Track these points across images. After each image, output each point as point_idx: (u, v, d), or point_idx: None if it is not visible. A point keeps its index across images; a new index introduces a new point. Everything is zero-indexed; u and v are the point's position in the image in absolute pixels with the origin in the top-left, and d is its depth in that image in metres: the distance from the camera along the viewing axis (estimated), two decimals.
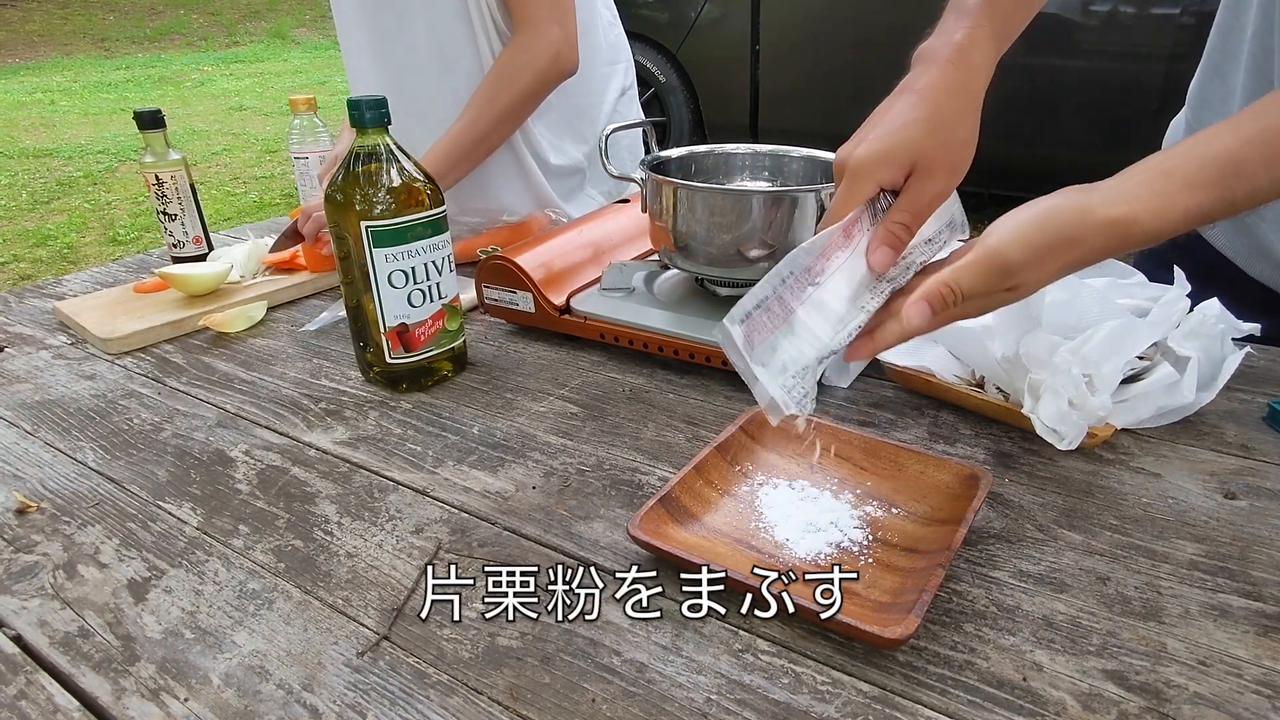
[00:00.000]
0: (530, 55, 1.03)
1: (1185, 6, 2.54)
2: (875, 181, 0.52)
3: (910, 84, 0.55)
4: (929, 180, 0.52)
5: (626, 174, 0.85)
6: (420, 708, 0.45)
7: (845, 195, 0.53)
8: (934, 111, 0.53)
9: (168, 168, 1.08)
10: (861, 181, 0.52)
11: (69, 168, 4.99)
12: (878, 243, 0.52)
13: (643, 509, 0.55)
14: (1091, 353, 0.63)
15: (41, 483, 0.67)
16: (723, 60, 3.56)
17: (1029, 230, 0.48)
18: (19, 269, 3.49)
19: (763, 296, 0.50)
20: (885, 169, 0.52)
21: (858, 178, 0.52)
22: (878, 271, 0.52)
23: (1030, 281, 0.49)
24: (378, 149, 0.73)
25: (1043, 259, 0.48)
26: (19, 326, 0.99)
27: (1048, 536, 0.56)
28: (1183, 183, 0.47)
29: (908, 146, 0.52)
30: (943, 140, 0.52)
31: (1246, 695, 0.43)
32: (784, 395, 0.50)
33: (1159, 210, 0.46)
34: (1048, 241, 0.47)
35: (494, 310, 0.91)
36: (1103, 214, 0.47)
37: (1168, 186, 0.47)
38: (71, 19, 10.30)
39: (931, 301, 0.49)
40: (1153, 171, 0.48)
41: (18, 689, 0.47)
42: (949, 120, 0.53)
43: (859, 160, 0.52)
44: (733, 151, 0.92)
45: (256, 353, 0.90)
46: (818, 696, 0.44)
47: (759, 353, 0.50)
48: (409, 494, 0.64)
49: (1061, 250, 0.47)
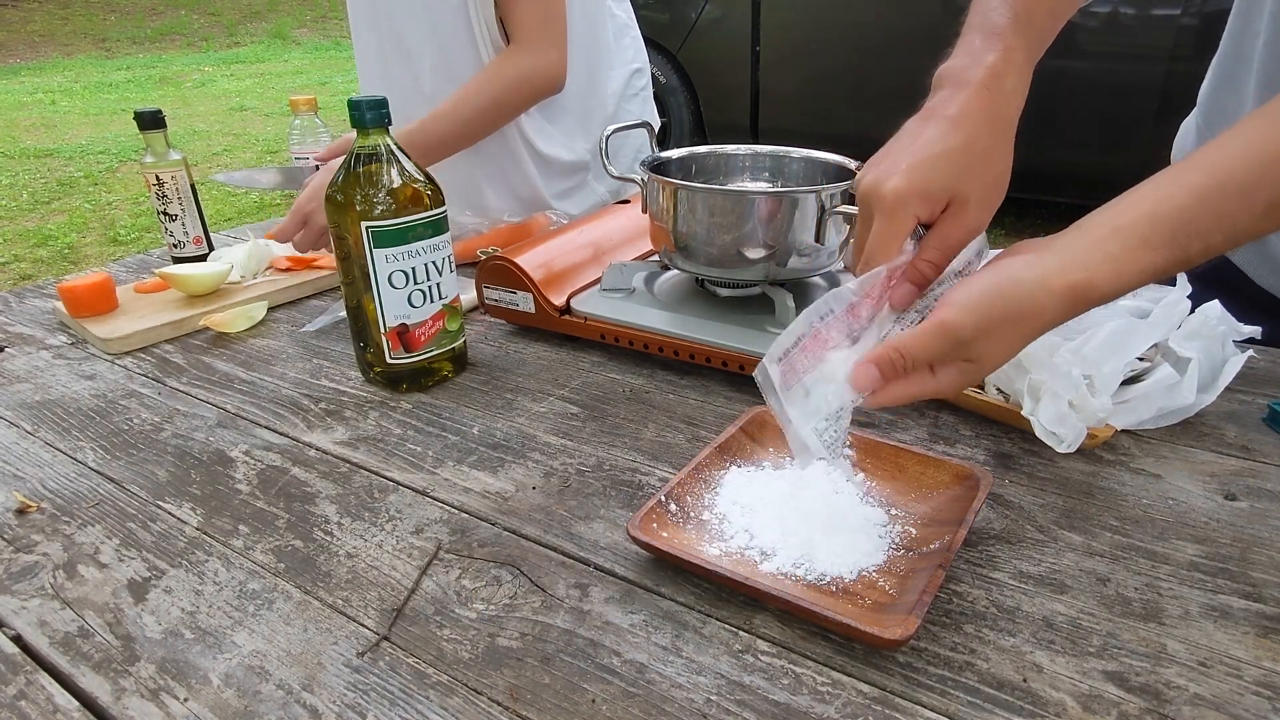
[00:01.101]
0: (526, 69, 1.07)
1: (1186, 7, 2.54)
2: (912, 215, 0.50)
3: (940, 109, 0.52)
4: (963, 216, 0.50)
5: (628, 174, 0.85)
6: (420, 708, 0.45)
7: (885, 231, 0.50)
8: (969, 142, 0.50)
9: (168, 168, 1.08)
10: (900, 215, 0.50)
11: (70, 168, 4.99)
12: (902, 279, 0.51)
13: (643, 509, 0.55)
14: (1092, 353, 0.63)
15: (41, 482, 0.67)
16: (723, 61, 3.56)
17: (986, 301, 0.46)
18: (20, 269, 3.49)
19: (800, 334, 0.49)
20: (922, 204, 0.50)
21: (895, 211, 0.50)
22: (897, 309, 0.51)
23: (989, 353, 0.47)
24: (378, 149, 0.73)
25: (998, 331, 0.46)
26: (19, 326, 0.99)
27: (1048, 537, 0.56)
28: (1138, 242, 0.45)
29: (944, 180, 0.50)
30: (979, 174, 0.50)
31: (1247, 696, 0.43)
32: (815, 440, 0.50)
33: (1114, 273, 0.45)
34: (1004, 314, 0.46)
35: (494, 311, 0.91)
36: (1059, 283, 0.46)
37: (1122, 249, 0.45)
38: (72, 19, 10.30)
39: (879, 364, 0.48)
40: (1106, 230, 0.46)
41: (18, 689, 0.47)
42: (985, 153, 0.51)
43: (895, 194, 0.49)
44: (733, 152, 0.92)
45: (257, 353, 0.90)
46: (818, 697, 0.44)
47: (793, 394, 0.50)
48: (409, 494, 0.64)
49: (1019, 321, 0.46)
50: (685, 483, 0.59)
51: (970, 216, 0.51)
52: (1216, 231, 0.46)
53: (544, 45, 1.07)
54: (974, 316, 0.46)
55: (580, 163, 1.22)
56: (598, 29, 1.18)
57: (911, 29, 2.93)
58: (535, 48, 1.07)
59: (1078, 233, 0.47)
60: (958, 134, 0.50)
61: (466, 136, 1.07)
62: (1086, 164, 2.85)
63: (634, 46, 1.26)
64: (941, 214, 0.51)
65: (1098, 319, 0.67)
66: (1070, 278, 0.46)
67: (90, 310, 0.96)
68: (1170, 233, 0.45)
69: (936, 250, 0.51)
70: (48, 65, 8.66)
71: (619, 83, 1.23)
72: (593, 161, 1.23)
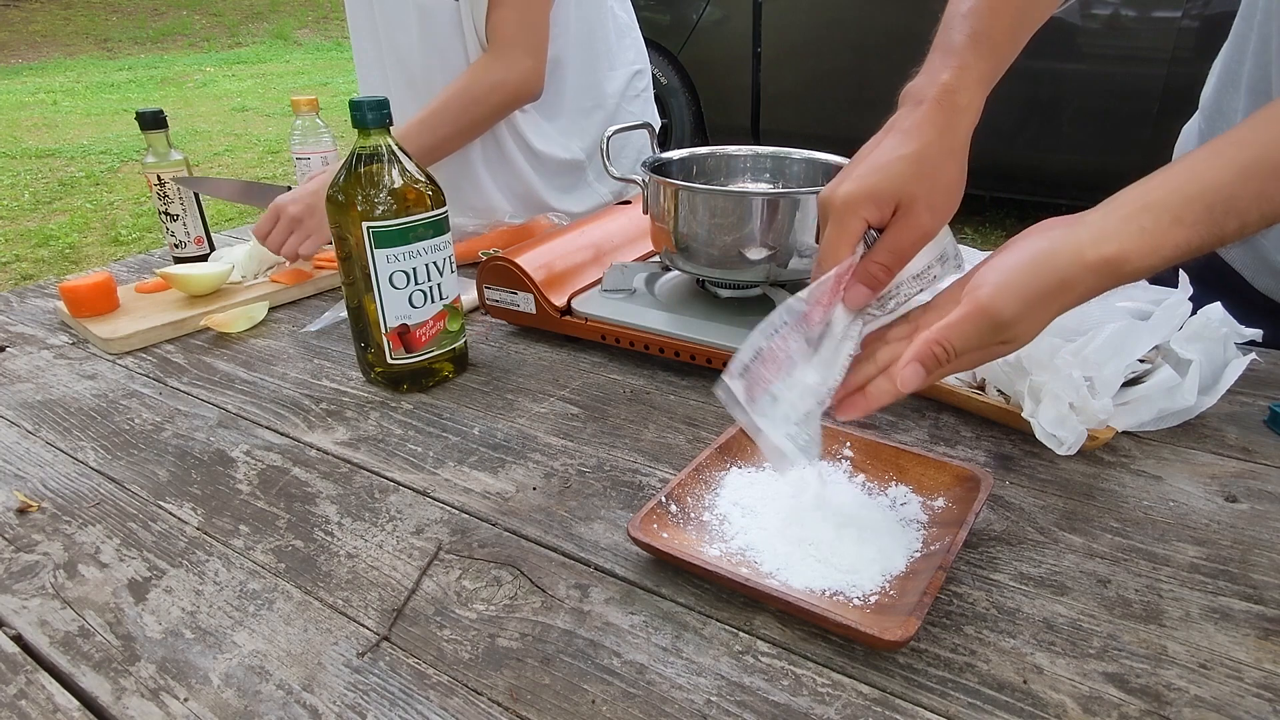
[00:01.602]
0: (500, 77, 1.06)
1: (1186, 10, 2.54)
2: (861, 219, 0.51)
3: (897, 123, 0.54)
4: (912, 219, 0.51)
5: (629, 175, 0.85)
6: (420, 708, 0.45)
7: (834, 235, 0.52)
8: (919, 151, 0.52)
9: (170, 168, 1.08)
10: (847, 220, 0.51)
11: (71, 168, 5.00)
12: (854, 281, 0.51)
13: (643, 510, 0.55)
14: (1093, 355, 0.63)
15: (42, 482, 0.67)
16: (724, 62, 3.56)
17: (1022, 279, 0.46)
18: (21, 269, 3.49)
19: (758, 347, 0.50)
20: (870, 207, 0.51)
21: (843, 216, 0.51)
22: (853, 310, 0.52)
23: (1025, 333, 0.47)
24: (379, 150, 0.73)
25: (1036, 309, 0.47)
26: (21, 326, 0.99)
27: (1048, 539, 0.56)
28: (1171, 220, 0.46)
29: (893, 184, 0.51)
30: (928, 180, 0.52)
31: (1247, 698, 0.43)
32: (790, 445, 0.50)
33: (1150, 249, 0.45)
34: (1041, 290, 0.46)
35: (495, 311, 0.91)
36: (1093, 255, 0.46)
37: (1156, 224, 0.46)
38: (74, 20, 10.31)
39: (924, 361, 0.48)
40: (1137, 205, 0.47)
41: (18, 689, 0.47)
42: (934, 160, 0.52)
43: (844, 198, 0.51)
44: (734, 153, 0.92)
45: (257, 353, 0.90)
46: (818, 698, 0.44)
47: (760, 404, 0.50)
48: (409, 495, 0.64)
49: (1055, 296, 0.46)
50: (686, 483, 0.59)
51: (920, 220, 0.52)
52: (1253, 210, 0.46)
53: (520, 53, 1.06)
54: (1011, 296, 0.46)
55: (576, 161, 1.22)
56: (599, 29, 1.18)
57: (912, 30, 2.92)
58: (511, 55, 1.06)
59: (1107, 208, 0.48)
60: (909, 143, 0.52)
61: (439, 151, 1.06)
62: (1087, 166, 2.85)
63: (635, 48, 1.26)
64: (892, 218, 0.52)
65: (1098, 320, 0.67)
66: (1104, 251, 0.46)
67: (91, 310, 0.96)
68: (1205, 210, 0.46)
69: (887, 252, 0.52)
70: (50, 65, 8.67)
71: (620, 83, 1.23)
72: (593, 161, 1.23)
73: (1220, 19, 2.46)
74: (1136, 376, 0.68)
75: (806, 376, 0.51)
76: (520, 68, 1.07)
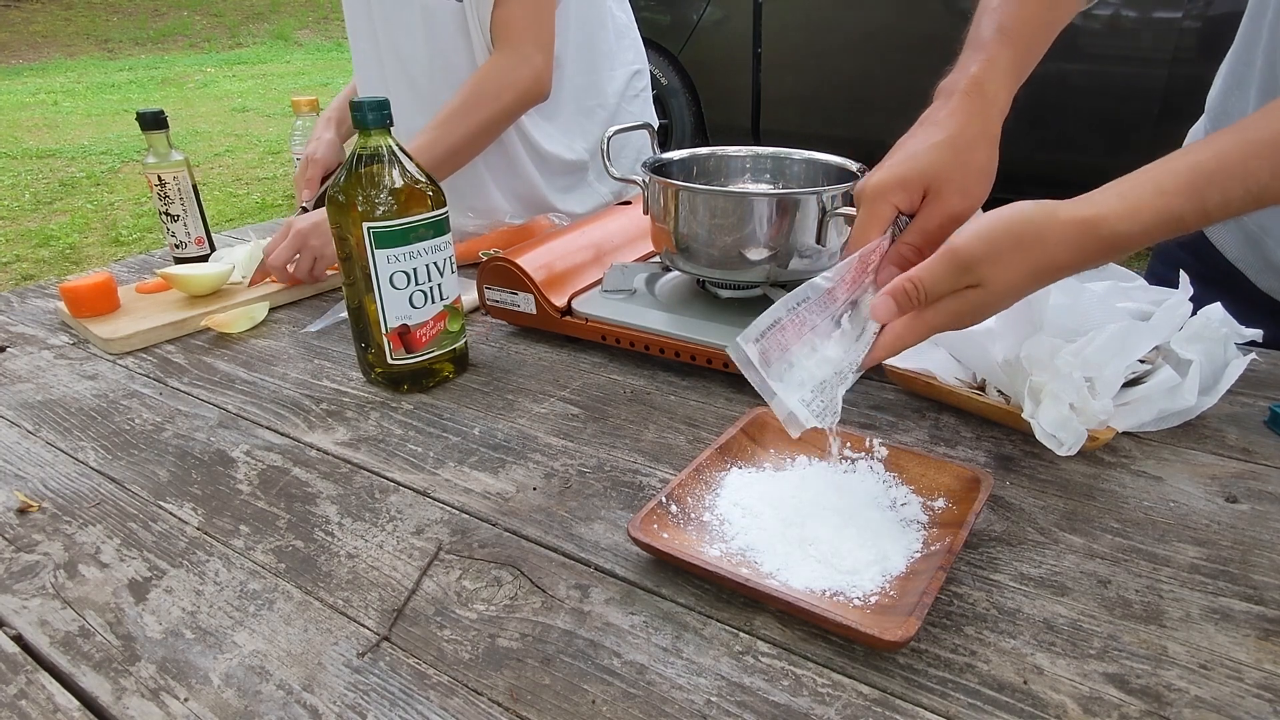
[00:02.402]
0: (513, 76, 1.05)
1: (1187, 11, 2.54)
2: (891, 205, 0.53)
3: (929, 116, 0.57)
4: (941, 202, 0.53)
5: (629, 176, 0.85)
6: (420, 708, 0.45)
7: (864, 219, 0.54)
8: (949, 137, 0.54)
9: (170, 168, 1.08)
10: (877, 206, 0.53)
11: (72, 168, 5.00)
12: (885, 262, 0.53)
13: (643, 510, 0.55)
14: (1093, 355, 0.63)
15: (43, 482, 0.67)
16: (725, 63, 3.56)
17: (991, 224, 0.48)
18: (22, 269, 3.49)
19: (777, 317, 0.51)
20: (899, 193, 0.53)
21: (873, 202, 0.53)
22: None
23: (994, 278, 0.49)
24: (380, 150, 0.73)
25: (1004, 255, 0.48)
26: (21, 326, 0.99)
27: (1049, 539, 0.56)
28: (1153, 189, 0.47)
29: (922, 171, 0.53)
30: (959, 165, 0.53)
31: (1247, 699, 0.43)
32: (803, 409, 0.50)
33: (1127, 212, 0.47)
34: (1009, 236, 0.48)
35: (495, 311, 0.91)
36: (1067, 214, 0.47)
37: (1136, 190, 0.47)
38: (75, 20, 10.32)
39: (895, 296, 0.50)
40: (1125, 180, 0.49)
41: (18, 689, 0.47)
42: (964, 145, 0.54)
43: (874, 185, 0.53)
44: (734, 154, 0.92)
45: (258, 353, 0.90)
46: (818, 699, 0.44)
47: (775, 369, 0.51)
48: (410, 495, 0.64)
49: (1024, 247, 0.48)
50: (686, 484, 0.59)
51: (950, 203, 0.53)
52: (1236, 185, 0.47)
53: (530, 49, 1.05)
54: (980, 239, 0.48)
55: (579, 162, 1.22)
56: (598, 29, 1.18)
57: (913, 31, 2.93)
58: (521, 52, 1.04)
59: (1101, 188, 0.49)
60: (939, 132, 0.55)
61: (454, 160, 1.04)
62: (1087, 167, 2.85)
63: (634, 48, 1.26)
64: (921, 203, 0.54)
65: (1099, 320, 0.67)
66: (1080, 210, 0.47)
67: (92, 310, 0.96)
68: (1187, 180, 0.47)
69: (917, 233, 0.54)
70: (50, 66, 8.67)
71: (620, 83, 1.23)
72: (594, 161, 1.23)
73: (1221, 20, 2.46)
74: (1137, 377, 0.68)
75: (828, 349, 0.52)
76: (532, 64, 1.05)
